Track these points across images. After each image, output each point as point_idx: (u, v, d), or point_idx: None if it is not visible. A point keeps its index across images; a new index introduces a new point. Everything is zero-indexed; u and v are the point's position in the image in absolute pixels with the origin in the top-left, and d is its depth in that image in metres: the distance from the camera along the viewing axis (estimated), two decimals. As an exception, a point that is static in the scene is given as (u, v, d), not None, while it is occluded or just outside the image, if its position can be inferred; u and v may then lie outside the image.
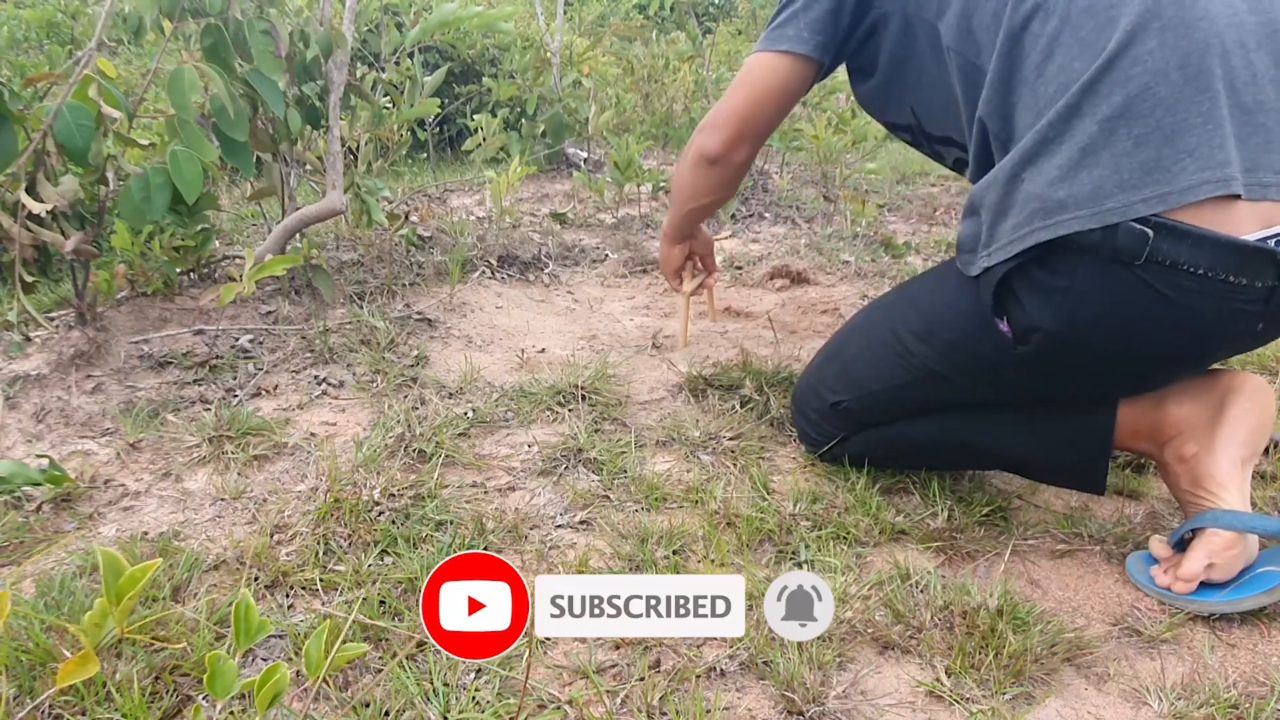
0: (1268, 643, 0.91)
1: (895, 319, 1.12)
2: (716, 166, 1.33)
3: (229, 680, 0.61)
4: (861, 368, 1.15)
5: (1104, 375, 1.00)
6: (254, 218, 2.43)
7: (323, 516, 1.06)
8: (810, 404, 1.22)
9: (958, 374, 1.05)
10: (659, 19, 5.35)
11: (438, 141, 3.58)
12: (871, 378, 1.13)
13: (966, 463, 1.20)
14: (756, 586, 0.96)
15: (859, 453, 1.19)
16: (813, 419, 1.22)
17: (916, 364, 1.08)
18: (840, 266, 2.18)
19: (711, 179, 1.36)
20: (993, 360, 1.00)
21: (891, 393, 1.11)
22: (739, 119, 1.28)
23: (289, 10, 1.62)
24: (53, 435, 1.30)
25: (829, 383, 1.19)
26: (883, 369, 1.11)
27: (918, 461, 1.19)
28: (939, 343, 1.05)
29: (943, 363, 1.05)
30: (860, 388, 1.14)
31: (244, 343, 1.60)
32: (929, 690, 0.83)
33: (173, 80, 1.36)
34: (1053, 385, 1.03)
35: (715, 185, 1.38)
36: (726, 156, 1.31)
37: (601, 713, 0.79)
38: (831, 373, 1.19)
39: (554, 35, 3.26)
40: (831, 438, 1.20)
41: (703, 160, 1.32)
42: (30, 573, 0.99)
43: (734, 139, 1.29)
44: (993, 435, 1.10)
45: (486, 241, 2.21)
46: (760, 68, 1.24)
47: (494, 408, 1.38)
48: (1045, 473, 1.12)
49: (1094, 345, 0.93)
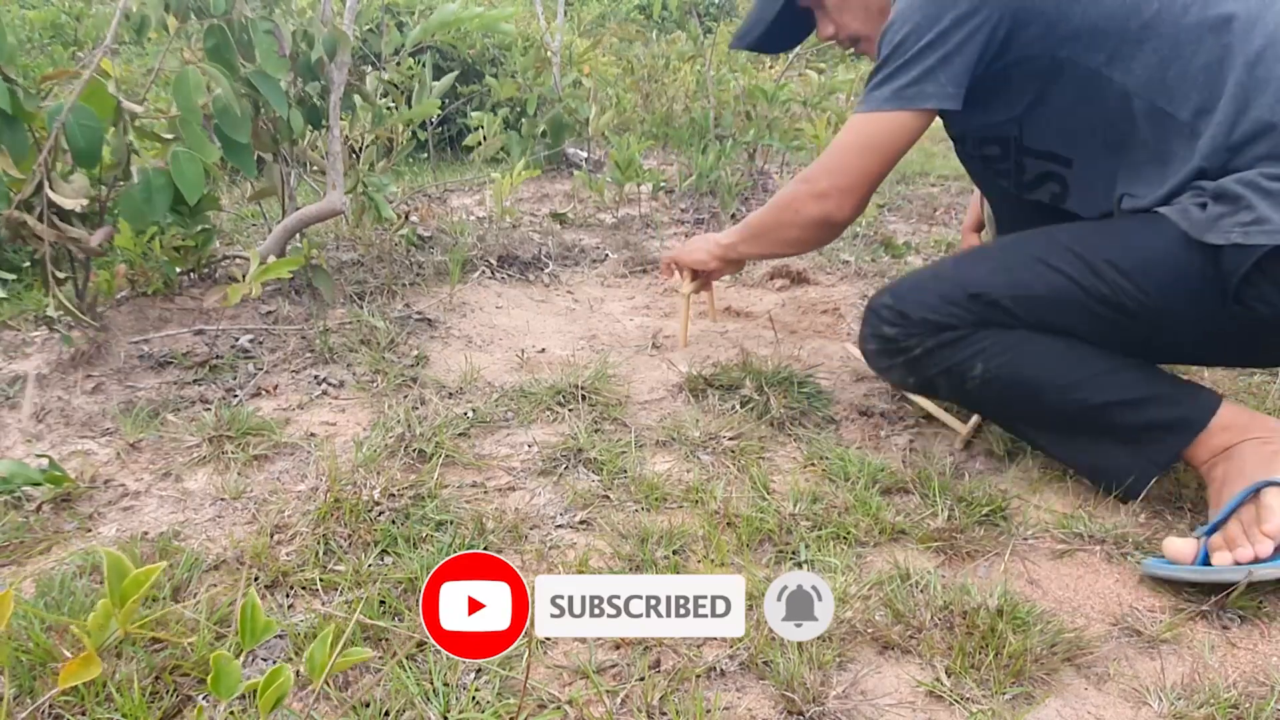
0: (1267, 642, 0.91)
1: (1085, 245, 1.11)
2: (838, 230, 1.35)
3: (233, 681, 0.61)
4: (1026, 273, 1.14)
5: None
6: (254, 218, 2.43)
7: (323, 516, 1.06)
8: (935, 291, 1.19)
9: (1147, 312, 1.07)
10: (660, 19, 5.35)
11: (438, 141, 3.58)
12: (1039, 283, 1.12)
13: (1029, 407, 1.18)
14: (756, 586, 0.96)
15: (937, 365, 1.19)
16: (931, 303, 1.18)
17: (1101, 289, 1.08)
18: (840, 266, 2.18)
19: (825, 240, 1.40)
20: (1201, 319, 1.06)
21: (1050, 302, 1.12)
22: (869, 185, 1.28)
23: (293, 10, 1.62)
24: (53, 435, 1.30)
25: (978, 277, 1.16)
26: (1056, 280, 1.11)
27: (984, 394, 1.19)
28: (1147, 282, 1.06)
29: (1138, 297, 1.07)
30: (1022, 287, 1.13)
31: (244, 343, 1.60)
32: (929, 690, 0.83)
33: (178, 82, 1.36)
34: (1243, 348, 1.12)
35: (823, 243, 1.42)
36: (850, 221, 1.33)
37: (601, 713, 0.79)
38: (985, 269, 1.18)
39: (554, 35, 3.26)
40: (946, 323, 1.17)
41: (828, 224, 1.32)
42: (30, 573, 0.99)
43: (862, 204, 1.31)
44: (1106, 374, 1.12)
45: (486, 241, 2.21)
46: (895, 128, 1.20)
47: (494, 408, 1.38)
48: (1120, 440, 1.14)
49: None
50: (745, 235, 1.49)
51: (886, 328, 1.22)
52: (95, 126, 1.33)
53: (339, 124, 1.72)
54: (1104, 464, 1.15)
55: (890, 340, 1.22)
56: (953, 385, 1.20)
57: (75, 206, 1.34)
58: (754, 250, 1.50)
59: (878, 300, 1.25)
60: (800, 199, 1.33)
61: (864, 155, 1.24)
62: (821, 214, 1.31)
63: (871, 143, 1.23)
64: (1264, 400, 1.43)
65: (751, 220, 1.47)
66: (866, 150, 1.24)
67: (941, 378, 1.20)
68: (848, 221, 1.32)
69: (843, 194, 1.28)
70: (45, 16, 3.53)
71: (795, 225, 1.36)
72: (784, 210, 1.37)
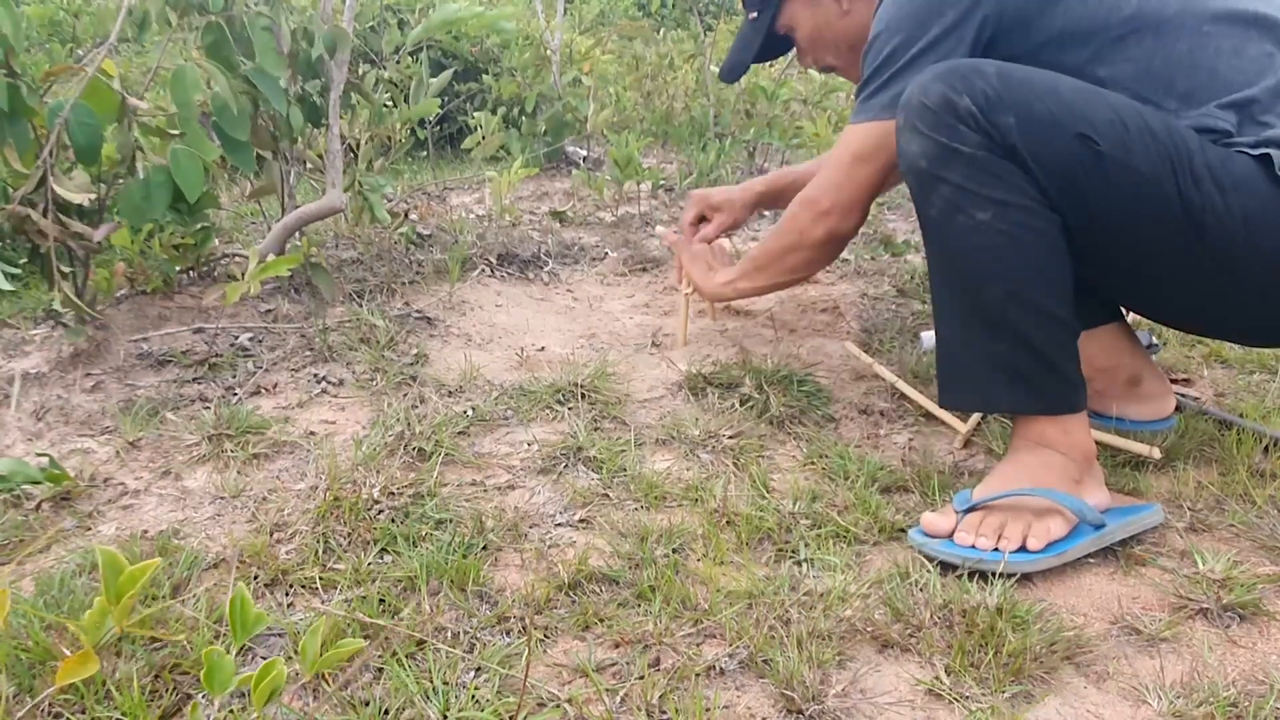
0: (1267, 641, 0.91)
1: (1197, 150, 1.03)
2: (843, 245, 1.35)
3: (226, 676, 0.61)
4: (1140, 141, 1.02)
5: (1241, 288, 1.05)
6: (253, 216, 2.43)
7: (322, 515, 1.06)
8: (1048, 107, 1.02)
9: (1220, 236, 1.01)
10: (659, 17, 5.35)
11: (437, 139, 3.58)
12: (1144, 157, 1.01)
13: (978, 280, 1.07)
14: (756, 585, 0.96)
15: (962, 176, 1.04)
16: (1039, 115, 1.02)
17: (1194, 196, 1.01)
18: (840, 265, 2.17)
19: (832, 258, 1.40)
20: (1267, 262, 1.02)
21: (1143, 184, 1.01)
22: (870, 197, 1.28)
23: (292, 7, 1.62)
24: (52, 433, 1.30)
25: (1097, 117, 1.02)
26: (1161, 164, 1.01)
27: (958, 239, 1.07)
28: (1236, 202, 1.00)
29: (1224, 217, 1.00)
30: (1130, 152, 1.01)
31: (243, 341, 1.60)
32: (928, 689, 0.83)
33: (175, 79, 1.36)
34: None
35: (830, 261, 1.41)
36: (854, 234, 1.33)
37: (601, 711, 0.79)
38: (1105, 114, 1.03)
39: (554, 33, 3.26)
40: (1029, 153, 1.02)
41: (834, 240, 1.33)
42: (30, 571, 0.99)
43: (864, 216, 1.31)
44: (1068, 306, 1.06)
45: (486, 240, 2.21)
46: (892, 137, 1.13)
47: (493, 406, 1.38)
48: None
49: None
50: (749, 269, 1.46)
51: (965, 98, 1.03)
52: (95, 124, 1.33)
53: (339, 122, 1.72)
54: (971, 372, 1.10)
55: (956, 113, 1.03)
56: (945, 202, 1.06)
57: (83, 200, 1.34)
58: (759, 285, 1.47)
59: (979, 66, 1.06)
60: (803, 221, 1.33)
61: (862, 166, 1.25)
62: (826, 232, 1.31)
63: (868, 153, 1.24)
64: (1264, 399, 1.43)
65: (755, 254, 1.45)
66: (864, 161, 1.25)
67: (948, 188, 1.05)
68: (853, 234, 1.33)
69: (845, 209, 1.29)
70: (43, 13, 3.53)
71: (803, 248, 1.36)
72: (788, 235, 1.37)
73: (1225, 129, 1.04)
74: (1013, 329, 1.06)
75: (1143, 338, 1.41)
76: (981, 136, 1.03)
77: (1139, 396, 1.30)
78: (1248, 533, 1.07)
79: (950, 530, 1.03)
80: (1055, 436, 1.08)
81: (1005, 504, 1.05)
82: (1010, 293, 1.05)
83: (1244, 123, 1.05)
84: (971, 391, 1.12)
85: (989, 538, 1.01)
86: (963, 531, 1.02)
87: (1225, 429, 1.30)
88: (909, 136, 1.08)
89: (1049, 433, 1.08)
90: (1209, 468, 1.22)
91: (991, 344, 1.07)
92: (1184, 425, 1.31)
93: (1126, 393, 1.30)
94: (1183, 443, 1.27)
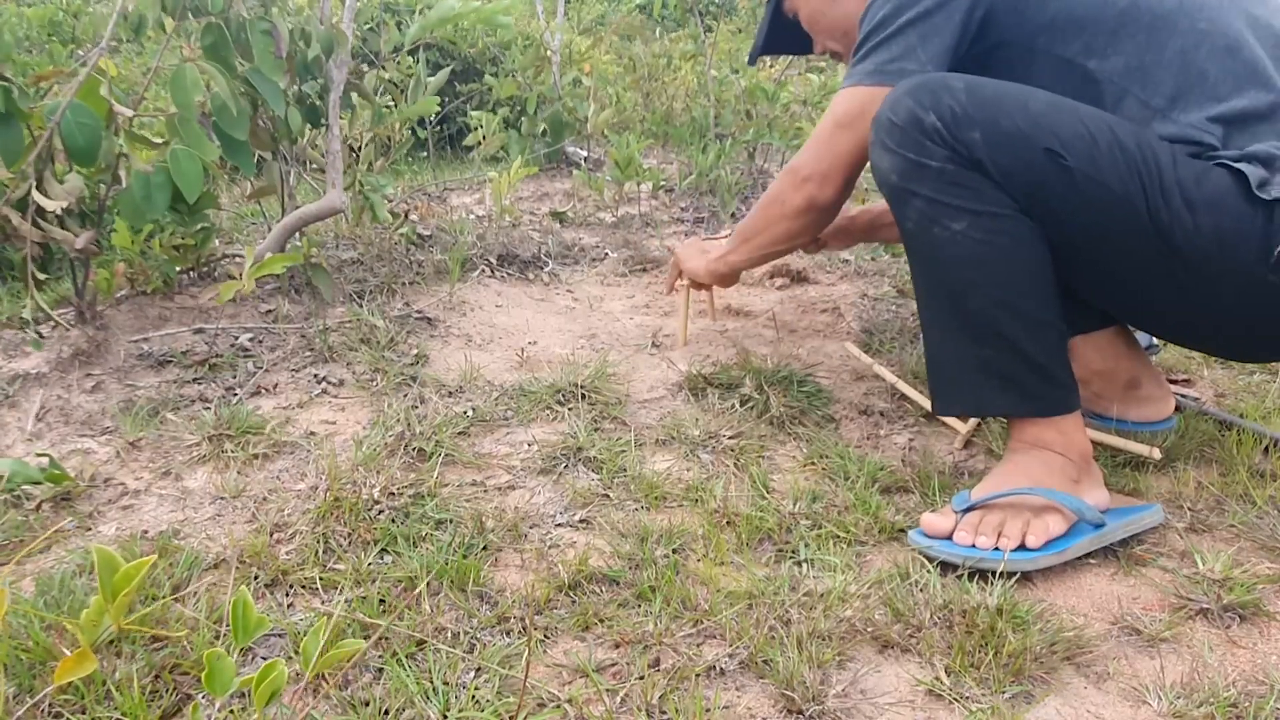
0: (1267, 641, 0.91)
1: (1168, 164, 1.02)
2: (827, 213, 1.32)
3: (227, 678, 0.61)
4: (1108, 157, 1.01)
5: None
6: (254, 216, 2.43)
7: (322, 515, 1.06)
8: (1015, 122, 1.02)
9: (1190, 254, 1.00)
10: (660, 18, 5.35)
11: (437, 140, 3.58)
12: (1114, 173, 1.00)
13: (961, 289, 1.07)
14: (756, 585, 0.96)
15: (933, 189, 1.05)
16: (1005, 129, 1.02)
17: (1162, 213, 0.99)
18: (840, 265, 2.17)
19: (817, 226, 1.36)
20: (1237, 280, 1.00)
21: (1113, 201, 1.01)
22: (849, 164, 1.25)
23: (290, 9, 1.62)
24: (52, 434, 1.30)
25: (1064, 131, 1.01)
26: (1131, 182, 1.00)
27: (936, 250, 1.07)
28: (1206, 221, 0.98)
29: (1192, 235, 0.99)
30: (1098, 168, 1.01)
31: (244, 341, 1.60)
32: (928, 689, 0.83)
33: (175, 79, 1.36)
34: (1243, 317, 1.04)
35: (816, 229, 1.38)
36: (838, 203, 1.30)
37: (601, 711, 0.79)
38: (1070, 128, 1.02)
39: (554, 34, 3.26)
40: (994, 165, 1.02)
41: (814, 210, 1.30)
42: (30, 571, 0.99)
43: (846, 185, 1.27)
44: (1054, 308, 1.06)
45: (486, 240, 2.21)
46: (875, 104, 1.12)
47: (494, 406, 1.38)
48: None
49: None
50: (737, 242, 1.47)
51: (931, 115, 1.03)
52: (94, 125, 1.33)
53: (338, 123, 1.72)
54: (962, 380, 1.11)
55: (922, 129, 1.04)
56: (920, 215, 1.06)
57: (55, 208, 1.32)
58: (749, 255, 1.47)
59: (948, 82, 1.05)
60: (784, 189, 1.32)
61: (842, 134, 1.22)
62: (805, 199, 1.29)
63: (849, 119, 1.21)
64: (1264, 399, 1.43)
65: (742, 226, 1.46)
66: (844, 128, 1.22)
67: (920, 201, 1.06)
68: (834, 204, 1.29)
69: (824, 176, 1.26)
70: (43, 14, 3.53)
71: (784, 217, 1.34)
72: (770, 205, 1.36)
73: (1210, 143, 1.03)
74: (999, 335, 1.06)
75: (1142, 339, 1.41)
76: (948, 151, 1.03)
77: (1138, 399, 1.30)
78: (1248, 533, 1.07)
79: (950, 530, 1.03)
80: (1051, 438, 1.08)
81: (1004, 503, 1.05)
82: (993, 299, 1.05)
83: (1231, 135, 1.03)
84: (964, 398, 1.12)
85: (989, 536, 1.01)
86: (962, 531, 1.03)
87: (1225, 429, 1.30)
88: (879, 153, 1.09)
89: (1045, 434, 1.08)
90: (1209, 468, 1.22)
91: (980, 350, 1.08)
92: (1184, 426, 1.31)
93: (1125, 395, 1.30)
94: (1183, 443, 1.27)
